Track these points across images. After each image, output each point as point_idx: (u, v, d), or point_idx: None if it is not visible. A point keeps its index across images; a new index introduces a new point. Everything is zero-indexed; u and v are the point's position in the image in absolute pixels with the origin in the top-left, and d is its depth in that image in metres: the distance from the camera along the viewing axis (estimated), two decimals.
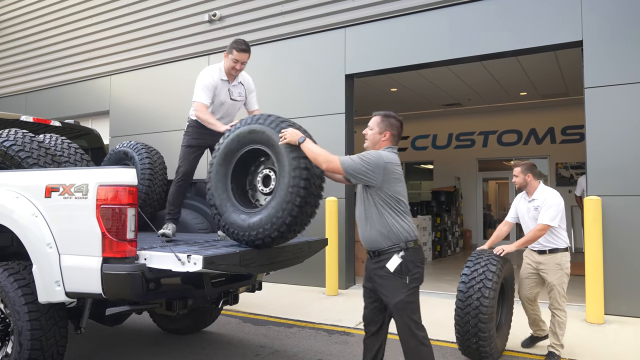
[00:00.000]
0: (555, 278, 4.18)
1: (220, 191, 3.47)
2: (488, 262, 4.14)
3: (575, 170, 12.31)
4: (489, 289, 3.98)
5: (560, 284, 4.17)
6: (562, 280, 4.18)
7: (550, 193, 4.27)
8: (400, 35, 7.23)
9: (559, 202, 4.20)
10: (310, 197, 3.25)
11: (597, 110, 5.98)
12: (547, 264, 4.22)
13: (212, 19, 8.74)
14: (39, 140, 4.10)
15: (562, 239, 4.23)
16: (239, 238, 3.39)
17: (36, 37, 11.58)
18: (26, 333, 3.24)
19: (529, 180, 4.35)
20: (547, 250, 4.22)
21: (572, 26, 6.13)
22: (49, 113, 10.78)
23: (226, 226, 3.42)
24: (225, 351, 4.60)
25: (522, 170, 4.35)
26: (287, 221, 3.20)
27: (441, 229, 11.30)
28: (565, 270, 4.19)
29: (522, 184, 4.38)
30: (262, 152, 3.43)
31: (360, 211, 3.20)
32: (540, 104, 12.33)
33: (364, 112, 13.10)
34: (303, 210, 3.23)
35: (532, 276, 4.36)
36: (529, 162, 4.41)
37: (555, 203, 4.18)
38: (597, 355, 4.44)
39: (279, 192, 3.22)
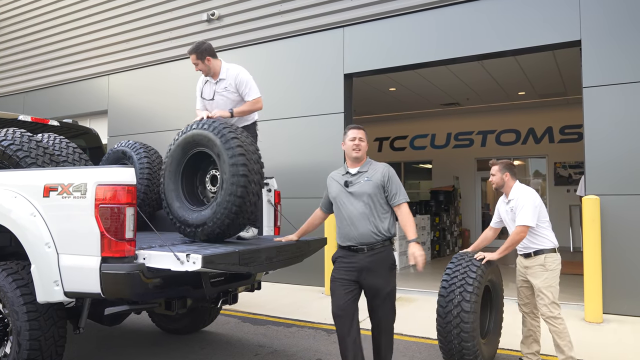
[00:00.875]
0: (539, 281, 3.84)
1: (170, 190, 3.81)
2: (468, 267, 3.89)
3: (573, 170, 12.33)
4: (470, 293, 3.73)
5: (547, 287, 3.80)
6: (548, 283, 3.81)
7: (523, 191, 3.97)
8: (398, 34, 7.23)
9: (532, 199, 3.89)
10: (251, 185, 3.52)
11: (596, 110, 5.98)
12: (532, 267, 3.92)
13: (210, 19, 8.73)
14: (37, 139, 4.09)
15: (547, 238, 3.92)
16: (187, 234, 3.67)
17: (34, 37, 11.56)
18: (25, 333, 3.24)
19: (506, 179, 4.06)
20: (532, 252, 3.91)
21: (570, 25, 6.14)
22: (47, 112, 10.76)
23: (176, 223, 3.72)
24: (225, 351, 4.59)
25: (500, 168, 4.07)
26: (231, 214, 3.49)
27: (440, 229, 11.30)
28: (550, 272, 3.83)
29: (499, 184, 4.08)
30: (209, 154, 3.69)
31: (358, 210, 3.43)
32: (538, 103, 12.35)
33: (363, 111, 13.18)
34: (245, 200, 3.50)
35: (525, 283, 4.06)
36: (506, 161, 4.14)
37: (527, 201, 3.87)
38: (596, 355, 4.45)
39: (222, 188, 3.52)
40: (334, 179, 3.63)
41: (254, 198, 3.58)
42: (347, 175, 3.56)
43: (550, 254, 3.88)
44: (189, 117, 9.35)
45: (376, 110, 13.28)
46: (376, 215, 3.44)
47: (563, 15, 6.18)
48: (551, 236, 3.95)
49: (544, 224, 3.94)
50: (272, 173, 7.82)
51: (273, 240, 3.92)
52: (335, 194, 3.56)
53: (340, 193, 3.53)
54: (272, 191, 4.66)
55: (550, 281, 3.82)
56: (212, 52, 4.40)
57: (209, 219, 3.55)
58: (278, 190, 4.77)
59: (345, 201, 3.50)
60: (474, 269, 3.88)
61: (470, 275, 3.83)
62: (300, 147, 7.89)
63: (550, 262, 3.86)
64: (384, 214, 3.49)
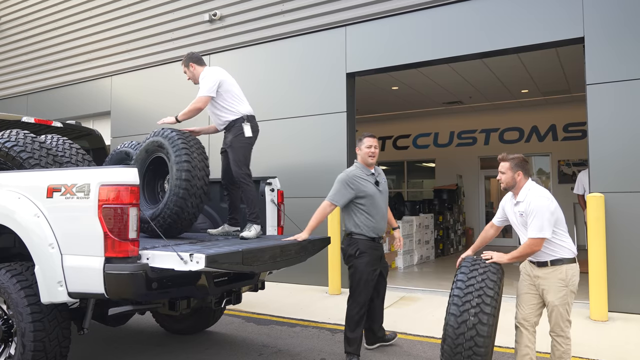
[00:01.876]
0: (557, 297, 3.30)
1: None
2: (485, 274, 3.36)
3: (577, 167, 12.27)
4: (488, 305, 3.19)
5: (564, 304, 3.30)
6: (565, 300, 3.31)
7: (535, 196, 3.38)
8: (401, 33, 7.21)
9: (546, 205, 3.32)
10: (193, 188, 3.95)
11: (599, 107, 5.95)
12: (548, 279, 3.34)
13: (212, 19, 8.74)
14: (41, 140, 4.10)
15: (566, 246, 3.36)
16: (144, 229, 3.84)
17: (37, 39, 11.59)
18: (29, 334, 3.24)
19: (518, 179, 3.49)
20: (549, 262, 3.35)
21: (573, 23, 6.11)
22: (50, 114, 10.80)
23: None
24: (229, 351, 4.59)
25: (511, 166, 3.49)
26: (174, 211, 3.90)
27: (443, 227, 11.28)
28: (571, 287, 3.32)
29: (509, 184, 3.52)
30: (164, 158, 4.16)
31: (385, 206, 4.36)
32: (541, 101, 12.31)
33: (366, 110, 13.17)
34: (187, 201, 3.92)
35: (532, 291, 3.46)
36: (519, 157, 3.51)
37: (540, 209, 3.30)
38: (601, 353, 4.42)
39: (170, 188, 3.95)
40: (363, 178, 4.20)
41: (196, 200, 4.00)
42: (371, 176, 4.26)
43: (571, 265, 3.33)
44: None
45: (379, 109, 13.26)
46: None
47: (566, 12, 6.15)
48: (569, 243, 3.39)
49: (562, 229, 3.39)
50: (274, 173, 7.86)
51: (277, 240, 3.93)
52: (371, 192, 4.18)
53: (375, 191, 4.21)
54: (275, 191, 4.66)
55: (568, 297, 3.32)
56: (196, 59, 4.58)
57: (157, 216, 3.96)
58: (281, 190, 4.76)
59: (379, 199, 4.22)
60: (493, 272, 3.38)
61: (488, 284, 3.29)
62: (302, 147, 7.89)
63: (571, 275, 3.32)
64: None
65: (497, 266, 3.43)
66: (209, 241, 3.92)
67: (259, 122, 4.73)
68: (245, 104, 4.50)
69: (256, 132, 4.52)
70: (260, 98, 8.33)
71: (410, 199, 13.53)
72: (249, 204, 4.29)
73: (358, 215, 4.17)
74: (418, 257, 9.87)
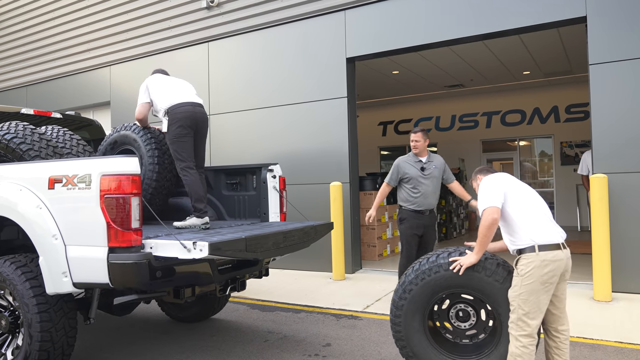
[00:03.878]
0: (511, 289, 2.97)
1: None
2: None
3: (580, 149, 12.22)
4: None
5: (516, 297, 2.90)
6: (517, 292, 2.89)
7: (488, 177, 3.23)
8: (400, 16, 7.13)
9: (489, 181, 3.11)
10: (163, 174, 4.43)
11: (602, 87, 5.90)
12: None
13: (210, 5, 8.65)
14: (40, 132, 4.09)
15: (521, 233, 2.97)
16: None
17: (35, 30, 11.51)
18: (36, 325, 3.26)
19: (479, 181, 3.33)
20: (516, 251, 3.02)
21: (575, 2, 6.02)
22: (50, 105, 10.78)
23: None
24: (234, 338, 4.62)
25: (474, 177, 3.42)
26: (147, 196, 4.29)
27: (446, 211, 11.27)
28: (524, 280, 2.87)
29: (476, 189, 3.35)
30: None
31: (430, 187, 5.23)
32: (543, 82, 12.21)
33: (366, 95, 13.10)
34: (159, 185, 4.40)
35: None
36: (482, 168, 3.42)
37: (483, 186, 3.12)
38: (605, 333, 4.44)
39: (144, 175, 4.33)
40: (409, 163, 5.25)
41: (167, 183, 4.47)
42: (419, 162, 5.25)
43: (528, 255, 2.91)
44: None
45: (380, 94, 13.18)
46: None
47: None
48: (527, 230, 2.95)
49: (520, 212, 3.00)
50: (276, 159, 7.85)
51: (280, 226, 3.93)
52: (414, 175, 5.18)
53: (418, 175, 5.19)
54: (277, 177, 4.65)
55: (521, 289, 2.88)
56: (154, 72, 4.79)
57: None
58: (283, 177, 4.75)
59: (422, 180, 5.18)
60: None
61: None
62: (304, 133, 7.85)
63: (523, 265, 2.90)
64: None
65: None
66: (212, 229, 3.92)
67: (259, 109, 4.69)
68: (171, 97, 4.36)
69: (186, 120, 4.28)
70: (260, 85, 8.28)
71: None
72: (189, 196, 4.20)
73: (403, 192, 5.24)
74: None
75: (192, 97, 4.44)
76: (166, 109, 4.32)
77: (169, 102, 4.33)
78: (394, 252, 9.08)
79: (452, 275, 3.16)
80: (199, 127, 4.42)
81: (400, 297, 3.31)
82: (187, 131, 4.28)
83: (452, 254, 3.25)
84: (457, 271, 3.13)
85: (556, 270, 2.90)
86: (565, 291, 3.08)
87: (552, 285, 2.91)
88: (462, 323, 3.31)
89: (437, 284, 3.21)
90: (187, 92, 4.49)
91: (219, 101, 8.72)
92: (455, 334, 3.34)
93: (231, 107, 8.57)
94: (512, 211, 3.01)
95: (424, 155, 5.29)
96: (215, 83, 8.79)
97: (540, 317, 2.91)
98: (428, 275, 3.24)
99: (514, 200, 3.03)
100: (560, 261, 2.92)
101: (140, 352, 4.32)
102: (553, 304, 3.06)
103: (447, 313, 3.35)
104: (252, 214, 4.72)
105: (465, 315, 3.29)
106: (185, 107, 4.32)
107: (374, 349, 4.23)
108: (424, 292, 3.24)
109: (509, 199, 3.03)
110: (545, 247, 2.90)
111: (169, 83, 4.52)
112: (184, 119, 4.27)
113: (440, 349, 3.28)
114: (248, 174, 4.81)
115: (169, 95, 4.37)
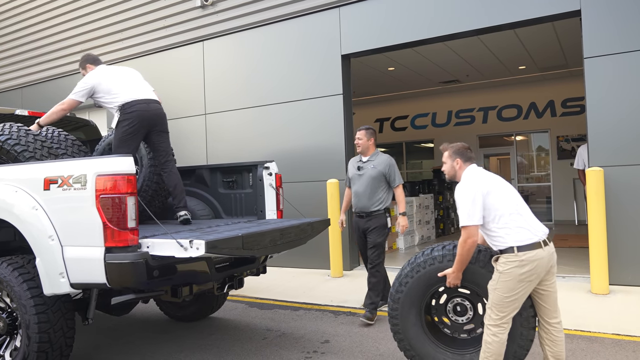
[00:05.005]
0: (490, 281, 3.02)
1: None
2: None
3: (576, 143, 12.25)
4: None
5: (492, 290, 2.97)
6: (494, 287, 2.96)
7: (463, 179, 3.19)
8: (394, 12, 7.13)
9: (464, 191, 3.05)
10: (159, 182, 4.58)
11: (598, 80, 5.91)
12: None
13: (204, 4, 8.62)
14: (35, 133, 4.08)
15: (500, 236, 2.98)
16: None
17: (30, 30, 11.46)
18: (33, 326, 3.26)
19: (457, 167, 3.29)
20: (499, 251, 3.02)
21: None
22: (45, 106, 10.71)
23: None
24: (233, 336, 4.63)
25: (450, 154, 3.35)
26: (147, 197, 4.47)
27: (444, 207, 11.30)
28: (501, 277, 2.92)
29: (450, 174, 3.34)
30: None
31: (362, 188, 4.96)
32: (539, 77, 12.23)
33: (362, 92, 13.09)
34: (159, 187, 4.57)
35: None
36: (458, 145, 3.38)
37: (458, 196, 3.06)
38: (602, 326, 4.46)
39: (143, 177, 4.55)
40: (351, 164, 5.20)
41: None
42: (360, 162, 5.06)
43: (507, 255, 2.93)
44: (186, 105, 9.27)
45: (376, 91, 13.17)
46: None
47: None
48: (507, 233, 2.95)
49: (498, 216, 2.99)
50: (272, 157, 7.85)
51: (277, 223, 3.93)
52: (350, 175, 5.12)
53: (354, 174, 5.09)
54: (273, 175, 4.65)
55: (498, 284, 2.94)
56: (86, 60, 4.66)
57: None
58: (279, 174, 4.75)
59: (357, 181, 5.05)
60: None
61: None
62: (300, 131, 7.85)
63: (503, 262, 2.94)
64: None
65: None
66: (209, 227, 3.92)
67: (255, 107, 4.69)
68: (125, 93, 4.28)
69: (137, 118, 4.22)
70: (255, 83, 8.27)
71: (409, 180, 13.52)
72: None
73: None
74: (419, 237, 9.90)
75: (146, 94, 4.36)
76: (119, 105, 4.24)
77: (123, 99, 4.25)
78: (392, 248, 9.09)
79: (446, 267, 3.20)
80: (155, 124, 4.36)
81: (397, 290, 3.34)
82: (136, 131, 4.23)
83: (446, 247, 3.28)
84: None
85: (536, 268, 2.92)
86: (554, 285, 3.09)
87: (531, 282, 2.94)
88: (459, 317, 3.33)
89: (432, 276, 3.25)
90: (141, 87, 4.39)
91: (215, 100, 8.71)
92: (453, 328, 3.36)
93: (227, 106, 8.56)
94: (491, 216, 3.01)
95: (367, 155, 5.03)
96: (210, 82, 8.78)
97: (514, 311, 2.97)
98: (423, 267, 3.27)
99: (492, 203, 3.01)
100: (542, 259, 2.93)
101: (139, 351, 4.32)
102: (543, 298, 3.08)
103: (444, 308, 3.37)
104: (249, 211, 4.72)
105: (462, 309, 3.31)
106: (139, 104, 4.26)
107: (373, 344, 4.24)
108: (420, 285, 3.28)
109: (487, 204, 3.01)
110: (525, 247, 2.92)
111: (121, 76, 4.39)
112: (136, 118, 4.22)
113: (438, 343, 3.30)
114: (244, 172, 4.81)
115: (123, 91, 4.27)
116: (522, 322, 3.06)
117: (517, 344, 3.08)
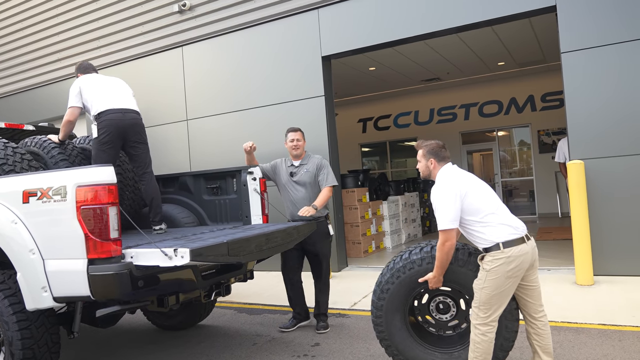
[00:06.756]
0: (476, 281, 3.00)
1: None
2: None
3: (557, 137, 12.42)
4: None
5: (479, 289, 2.94)
6: (481, 285, 2.93)
7: (438, 180, 3.16)
8: (373, 12, 7.15)
9: (440, 194, 3.02)
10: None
11: (575, 74, 5.99)
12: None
13: (182, 9, 8.56)
14: (13, 145, 4.00)
15: (483, 235, 2.96)
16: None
17: (3, 41, 11.26)
18: (17, 343, 3.19)
19: (432, 167, 3.27)
20: (484, 250, 3.01)
21: None
22: (22, 118, 10.55)
23: None
24: (222, 343, 4.59)
25: (424, 153, 3.32)
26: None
27: (429, 205, 11.35)
28: (489, 275, 2.89)
29: (424, 173, 3.34)
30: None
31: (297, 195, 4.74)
32: (518, 72, 12.38)
33: (344, 93, 13.11)
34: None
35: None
36: (432, 143, 3.31)
37: (434, 200, 3.05)
38: (588, 316, 4.51)
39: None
40: (282, 168, 4.95)
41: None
42: (291, 167, 4.86)
43: (494, 253, 2.91)
44: (167, 111, 9.17)
45: (358, 91, 13.21)
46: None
47: None
48: (490, 231, 2.95)
49: (478, 217, 2.98)
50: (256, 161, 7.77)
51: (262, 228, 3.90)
52: (283, 181, 4.90)
53: (287, 181, 4.89)
54: (257, 180, 4.63)
55: (484, 283, 2.92)
56: (77, 69, 4.67)
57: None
58: (264, 179, 4.73)
59: (290, 187, 4.81)
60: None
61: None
62: (282, 134, 7.80)
63: (488, 261, 2.92)
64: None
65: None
66: (194, 235, 3.88)
67: (237, 112, 4.66)
68: (102, 101, 4.23)
69: (111, 128, 4.19)
70: (236, 87, 8.22)
71: (394, 179, 13.58)
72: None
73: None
74: (406, 235, 9.93)
75: (123, 103, 4.29)
76: (94, 115, 4.22)
77: (98, 108, 4.22)
78: (379, 247, 9.11)
79: (426, 271, 3.18)
80: (130, 134, 4.30)
81: (379, 297, 3.32)
82: (111, 140, 4.20)
83: (423, 249, 3.27)
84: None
85: (523, 263, 2.93)
86: (537, 280, 3.11)
87: (517, 278, 2.94)
88: (443, 315, 3.33)
89: (412, 280, 3.23)
90: (119, 96, 4.32)
91: (196, 105, 8.64)
92: (438, 326, 3.37)
93: (209, 111, 8.50)
94: (472, 216, 3.00)
95: (300, 158, 4.82)
96: (191, 87, 8.71)
97: (502, 308, 2.97)
98: (403, 272, 3.25)
99: (471, 203, 3.00)
100: (526, 254, 2.95)
101: None
102: (528, 294, 3.09)
103: (427, 307, 3.37)
104: (234, 217, 4.69)
105: (445, 307, 3.32)
106: (113, 114, 4.21)
107: (363, 345, 4.24)
108: (401, 290, 3.26)
109: (466, 204, 2.99)
110: (509, 242, 2.91)
111: (102, 85, 4.35)
112: (109, 127, 4.18)
113: (425, 344, 3.30)
114: (228, 178, 4.79)
115: (99, 100, 4.23)
116: (505, 314, 3.07)
117: (502, 336, 3.10)
